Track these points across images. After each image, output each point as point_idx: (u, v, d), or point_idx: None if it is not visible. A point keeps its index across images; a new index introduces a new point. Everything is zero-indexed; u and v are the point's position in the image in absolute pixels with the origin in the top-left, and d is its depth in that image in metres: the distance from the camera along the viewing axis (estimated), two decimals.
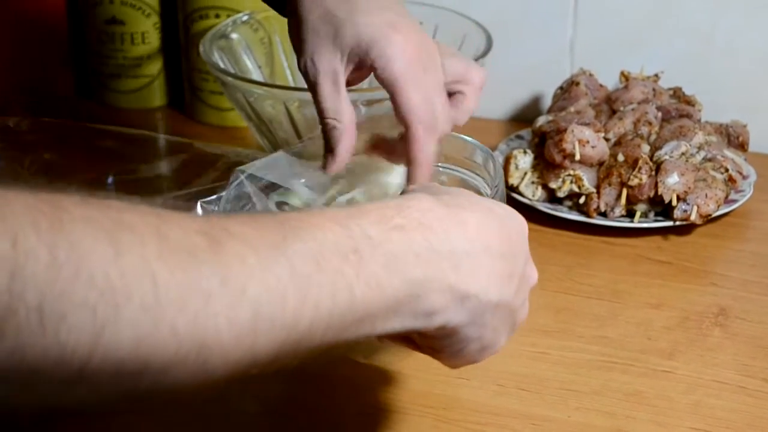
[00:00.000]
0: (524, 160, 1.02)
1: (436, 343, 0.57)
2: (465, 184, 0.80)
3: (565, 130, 0.98)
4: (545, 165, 1.01)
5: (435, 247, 0.52)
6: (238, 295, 0.43)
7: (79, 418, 0.74)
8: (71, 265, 0.39)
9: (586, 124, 1.00)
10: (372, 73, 0.72)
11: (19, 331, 0.38)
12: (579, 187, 0.98)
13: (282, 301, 0.45)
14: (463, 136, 0.82)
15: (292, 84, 1.05)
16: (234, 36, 1.03)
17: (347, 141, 0.72)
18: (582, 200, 0.99)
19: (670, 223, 0.96)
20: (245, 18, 1.05)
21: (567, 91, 1.09)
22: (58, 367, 0.39)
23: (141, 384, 0.42)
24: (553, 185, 0.99)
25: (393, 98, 0.70)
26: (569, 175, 0.98)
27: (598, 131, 1.00)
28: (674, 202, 0.96)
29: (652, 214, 0.98)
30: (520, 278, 0.58)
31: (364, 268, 0.49)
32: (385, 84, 0.70)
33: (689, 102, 1.08)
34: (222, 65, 0.98)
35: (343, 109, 0.72)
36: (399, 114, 0.70)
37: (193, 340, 0.42)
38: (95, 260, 0.39)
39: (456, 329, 0.55)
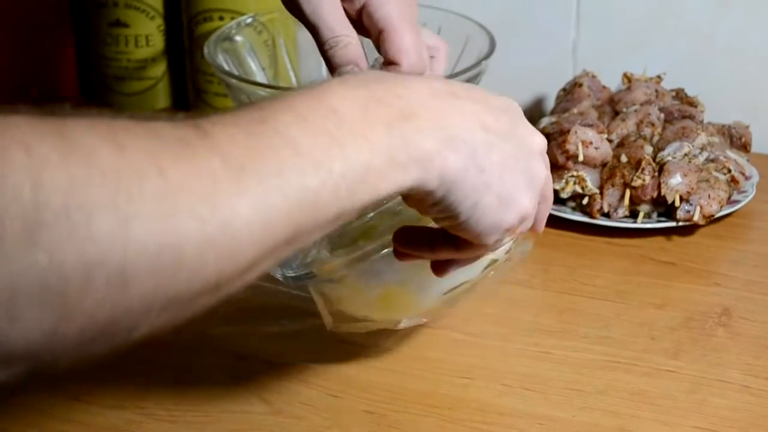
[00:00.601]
0: None
1: (451, 206, 0.56)
2: None
3: (568, 132, 0.99)
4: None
5: (401, 94, 0.53)
6: (239, 171, 0.45)
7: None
8: (83, 167, 0.39)
9: (589, 126, 1.00)
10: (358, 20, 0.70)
11: (51, 240, 0.38)
12: (582, 188, 0.99)
13: (282, 168, 0.47)
14: None
15: (295, 86, 1.06)
16: (238, 38, 1.04)
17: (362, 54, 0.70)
18: (585, 201, 0.99)
19: (673, 224, 0.97)
20: (249, 20, 1.06)
21: (570, 92, 1.10)
22: (98, 269, 0.39)
23: (180, 278, 0.42)
24: (556, 186, 1.00)
25: (385, 38, 0.68)
26: (572, 176, 0.99)
27: (601, 132, 1.00)
28: (677, 203, 0.96)
29: (655, 215, 0.99)
30: (511, 132, 0.58)
31: (346, 124, 0.50)
32: (379, 23, 0.68)
33: (692, 103, 1.08)
34: (226, 67, 0.98)
35: (351, 29, 0.69)
36: (390, 54, 0.67)
37: (214, 219, 0.43)
38: (104, 159, 0.40)
39: (458, 176, 0.54)
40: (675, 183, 0.96)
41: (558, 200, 1.01)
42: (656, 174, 0.97)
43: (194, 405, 0.76)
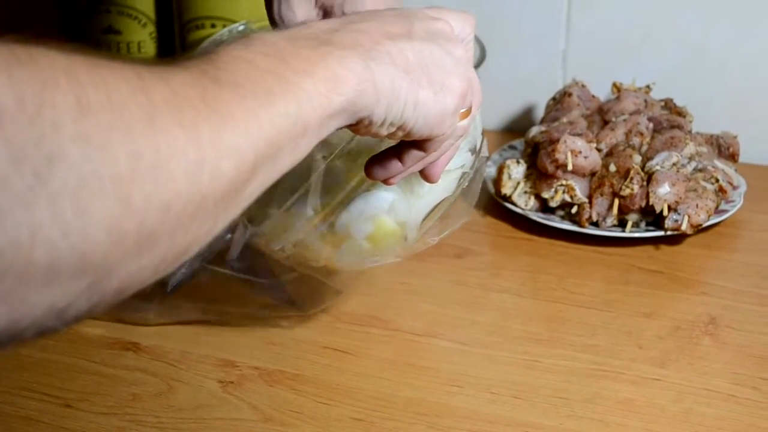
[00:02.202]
0: (517, 170, 1.03)
1: (396, 117, 0.59)
2: None
3: (557, 141, 0.99)
4: (538, 175, 1.01)
5: (310, 31, 0.57)
6: (216, 82, 0.48)
7: None
8: (101, 74, 0.42)
9: (579, 135, 1.01)
10: None
11: (97, 132, 0.41)
12: (571, 197, 0.99)
13: (252, 79, 0.50)
14: None
15: None
16: None
17: None
18: (574, 210, 1.00)
19: (661, 233, 0.97)
20: (241, 28, 1.06)
21: (560, 101, 1.10)
22: (139, 161, 0.42)
23: (203, 179, 0.45)
24: (545, 195, 1.00)
25: None
26: (562, 185, 0.99)
27: (590, 142, 1.01)
28: (665, 212, 0.96)
29: (643, 224, 0.99)
30: (414, 30, 0.61)
31: (284, 50, 0.53)
32: None
33: (680, 113, 1.09)
34: None
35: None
36: None
37: (214, 119, 0.46)
38: (125, 75, 0.44)
39: (389, 86, 0.57)
40: (663, 192, 0.96)
41: (547, 209, 1.02)
42: (645, 183, 0.97)
43: (183, 412, 0.77)
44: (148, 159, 0.42)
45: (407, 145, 0.66)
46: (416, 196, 0.76)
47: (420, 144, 0.65)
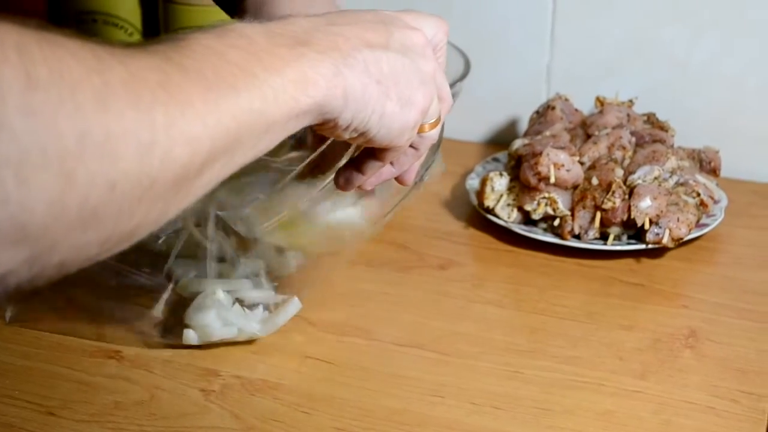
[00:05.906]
0: (500, 182, 1.04)
1: (361, 124, 0.60)
2: None
3: (540, 154, 1.00)
4: (521, 187, 1.02)
5: (290, 28, 0.58)
6: (181, 69, 0.49)
7: None
8: (58, 52, 0.43)
9: (562, 148, 1.02)
10: None
11: (46, 109, 0.41)
12: (554, 210, 1.00)
13: (217, 70, 0.50)
14: None
15: None
16: None
17: None
18: (556, 223, 1.00)
19: (642, 246, 0.98)
20: None
21: (543, 115, 1.11)
22: (87, 138, 0.43)
23: (154, 161, 0.46)
24: (528, 207, 1.01)
25: None
26: (544, 197, 1.00)
27: (573, 155, 1.01)
28: (647, 226, 0.97)
29: (625, 237, 1.00)
30: (391, 41, 0.62)
31: (257, 45, 0.54)
32: None
33: (662, 127, 1.09)
34: None
35: None
36: None
37: (174, 106, 0.47)
38: (74, 47, 0.44)
39: (359, 93, 0.58)
40: (645, 206, 0.97)
41: (530, 221, 1.02)
42: (626, 197, 0.98)
43: (166, 420, 0.77)
44: (97, 137, 0.43)
45: (365, 156, 0.68)
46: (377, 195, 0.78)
47: (377, 154, 0.67)
